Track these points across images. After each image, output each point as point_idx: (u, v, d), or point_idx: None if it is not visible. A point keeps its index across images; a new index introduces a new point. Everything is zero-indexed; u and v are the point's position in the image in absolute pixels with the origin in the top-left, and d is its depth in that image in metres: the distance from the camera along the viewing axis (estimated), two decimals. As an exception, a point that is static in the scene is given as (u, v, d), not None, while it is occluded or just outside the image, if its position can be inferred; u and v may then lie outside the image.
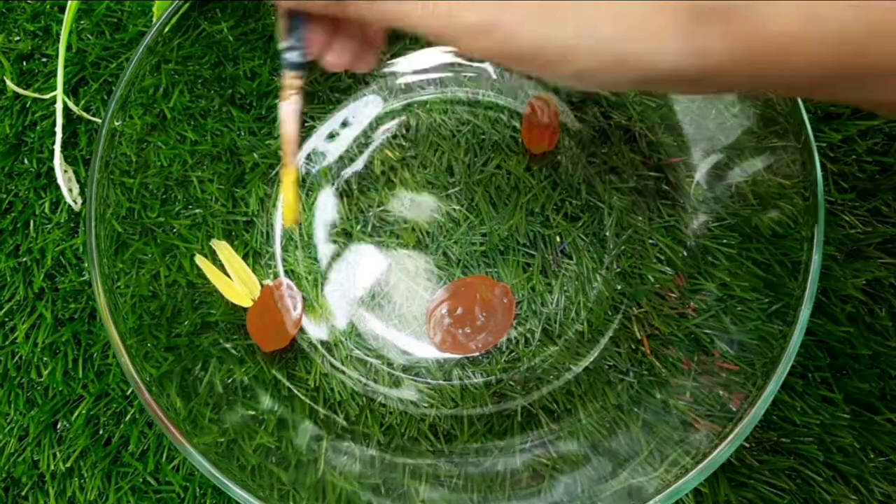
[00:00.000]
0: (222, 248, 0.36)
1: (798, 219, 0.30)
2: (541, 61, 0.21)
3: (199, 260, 0.35)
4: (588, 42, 0.20)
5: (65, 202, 0.39)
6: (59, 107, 0.40)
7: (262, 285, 0.36)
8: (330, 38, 0.27)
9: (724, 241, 0.33)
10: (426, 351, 0.35)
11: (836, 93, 0.21)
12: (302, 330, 0.35)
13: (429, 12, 0.21)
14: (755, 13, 0.19)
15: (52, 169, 0.40)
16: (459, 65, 0.39)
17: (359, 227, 0.37)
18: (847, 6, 0.18)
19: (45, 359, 0.37)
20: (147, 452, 0.35)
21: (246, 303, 0.35)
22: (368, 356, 0.35)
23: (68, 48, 0.42)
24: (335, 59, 0.27)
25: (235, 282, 0.35)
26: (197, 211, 0.36)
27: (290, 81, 0.26)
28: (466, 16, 0.21)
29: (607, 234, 0.36)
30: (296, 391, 0.34)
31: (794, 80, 0.20)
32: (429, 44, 0.39)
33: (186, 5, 0.34)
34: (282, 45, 0.25)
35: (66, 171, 0.40)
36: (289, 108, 0.27)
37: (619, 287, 0.35)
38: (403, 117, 0.39)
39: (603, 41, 0.20)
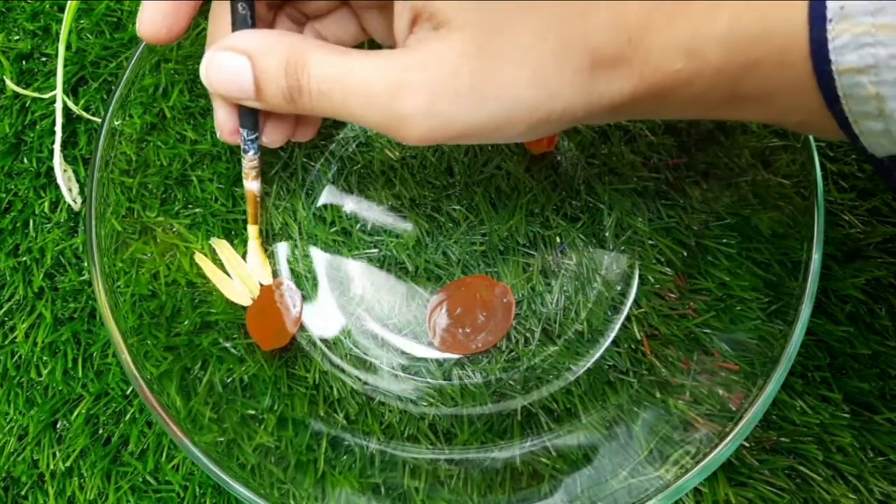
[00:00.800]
0: (222, 247, 0.36)
1: (798, 218, 0.30)
2: (479, 137, 0.24)
3: (199, 258, 0.35)
4: (516, 112, 0.23)
5: (64, 201, 0.39)
6: (58, 106, 0.40)
7: (261, 284, 0.36)
8: (263, 120, 0.30)
9: (724, 240, 0.33)
10: (426, 350, 0.35)
11: (733, 114, 0.24)
12: (301, 328, 0.35)
13: (368, 108, 0.23)
14: (647, 57, 0.22)
15: (51, 168, 0.40)
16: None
17: (358, 226, 0.37)
18: (719, 43, 0.21)
19: (44, 358, 0.37)
20: (147, 452, 0.35)
21: (245, 302, 0.35)
22: (367, 355, 0.35)
23: (68, 47, 0.42)
24: (270, 138, 0.30)
25: (235, 281, 0.35)
26: (197, 210, 0.36)
27: (252, 164, 0.30)
28: (401, 109, 0.23)
29: (607, 234, 0.36)
30: (295, 390, 0.34)
31: (689, 107, 0.23)
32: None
33: (187, 5, 0.34)
34: (242, 134, 0.28)
35: (65, 171, 0.40)
36: (254, 186, 0.31)
37: (618, 287, 0.35)
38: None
39: (530, 109, 0.23)
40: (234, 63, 0.25)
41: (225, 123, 0.29)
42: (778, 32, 0.20)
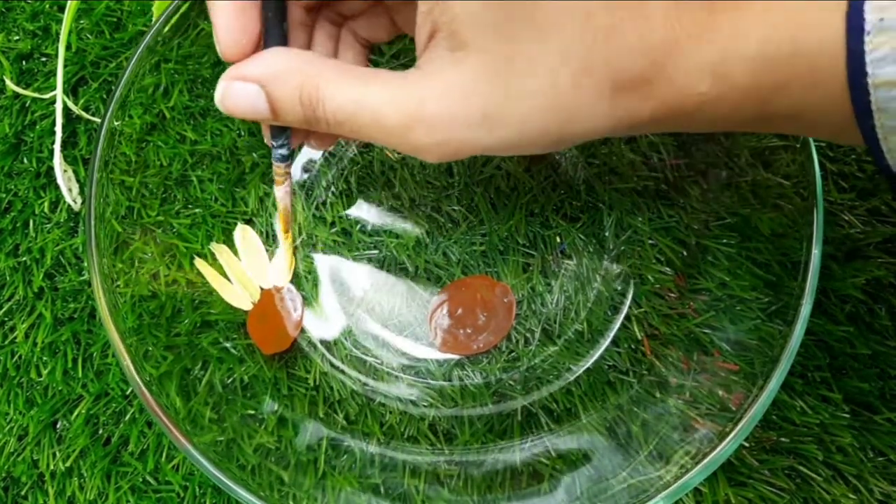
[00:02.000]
0: (222, 252, 0.36)
1: (797, 218, 0.30)
2: (496, 153, 0.25)
3: (199, 263, 0.35)
4: (530, 135, 0.23)
5: (64, 202, 0.39)
6: (58, 106, 0.40)
7: (261, 288, 0.36)
8: (307, 131, 0.29)
9: (724, 240, 0.33)
10: (426, 351, 0.35)
11: (761, 129, 0.24)
12: (302, 330, 0.35)
13: (384, 138, 0.24)
14: (671, 80, 0.22)
15: (51, 168, 0.40)
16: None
17: (358, 227, 0.37)
18: (749, 65, 0.21)
19: (44, 358, 0.37)
20: (147, 452, 0.35)
21: (246, 306, 0.35)
22: (367, 356, 0.35)
23: (68, 48, 0.42)
24: (317, 144, 0.30)
25: (235, 285, 0.35)
26: (196, 210, 0.36)
27: (280, 171, 0.30)
28: (419, 138, 0.23)
29: (607, 234, 0.36)
30: (295, 390, 0.34)
31: (715, 125, 0.23)
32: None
33: (186, 5, 0.34)
34: (272, 143, 0.28)
35: (65, 171, 0.40)
36: (282, 192, 0.30)
37: (618, 287, 0.35)
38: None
39: (543, 132, 0.23)
40: (247, 90, 0.25)
41: (266, 129, 0.29)
42: (810, 51, 0.20)
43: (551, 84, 0.22)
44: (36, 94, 0.42)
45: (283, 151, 0.28)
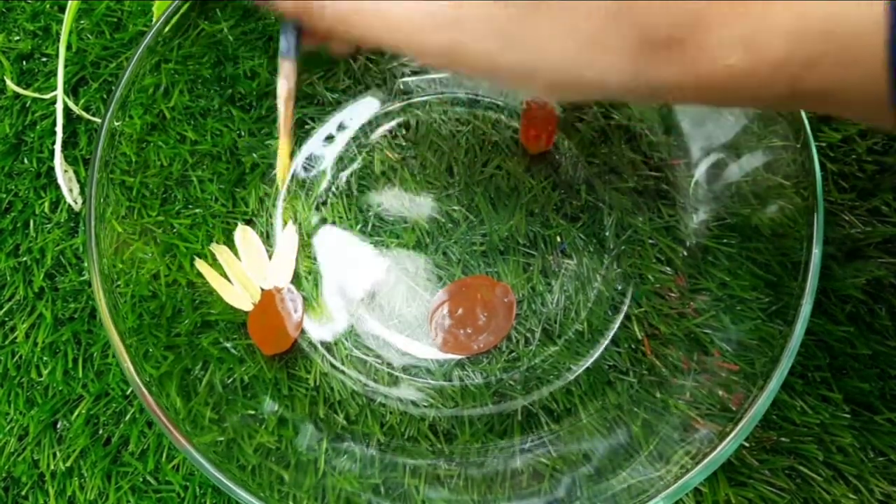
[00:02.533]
0: (222, 252, 0.36)
1: (798, 218, 0.30)
2: (502, 78, 0.23)
3: (200, 264, 0.35)
4: (538, 67, 0.22)
5: (65, 202, 0.39)
6: (59, 106, 0.40)
7: (262, 289, 0.36)
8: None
9: (724, 240, 0.33)
10: (426, 351, 0.35)
11: (790, 108, 0.22)
12: (302, 330, 0.35)
13: (394, 31, 0.23)
14: (701, 46, 0.21)
15: (52, 168, 0.40)
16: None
17: (358, 227, 0.37)
18: (783, 39, 0.20)
19: (44, 358, 0.37)
20: (147, 452, 0.35)
21: (247, 307, 0.35)
22: (368, 356, 0.35)
23: (68, 48, 0.42)
24: (335, 45, 0.29)
25: (236, 285, 0.35)
26: (197, 211, 0.36)
27: (281, 64, 0.29)
28: (427, 37, 0.22)
29: (607, 234, 0.36)
30: (296, 391, 0.34)
31: (742, 101, 0.23)
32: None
33: (186, 5, 0.34)
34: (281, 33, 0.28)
35: (66, 171, 0.40)
36: (282, 86, 0.29)
37: (619, 287, 0.35)
38: (402, 118, 0.39)
39: (556, 66, 0.22)
40: None
41: None
42: (849, 29, 0.19)
43: (574, 21, 0.21)
44: (36, 95, 0.42)
45: (283, 44, 0.28)
